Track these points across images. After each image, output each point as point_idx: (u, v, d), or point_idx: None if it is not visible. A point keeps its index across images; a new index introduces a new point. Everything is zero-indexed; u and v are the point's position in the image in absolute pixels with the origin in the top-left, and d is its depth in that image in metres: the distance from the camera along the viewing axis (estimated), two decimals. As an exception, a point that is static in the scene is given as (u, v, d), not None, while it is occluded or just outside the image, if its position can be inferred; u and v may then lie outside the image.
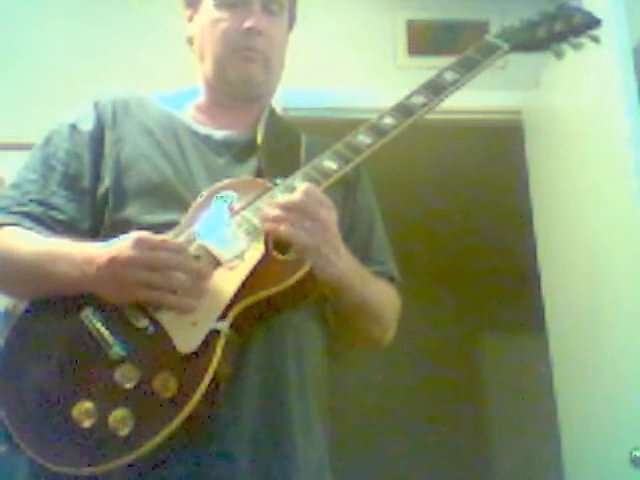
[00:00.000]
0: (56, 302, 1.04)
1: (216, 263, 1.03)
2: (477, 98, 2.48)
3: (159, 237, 1.01)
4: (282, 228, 1.01)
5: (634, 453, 1.73)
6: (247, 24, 1.24)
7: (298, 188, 1.04)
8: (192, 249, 1.03)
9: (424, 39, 2.68)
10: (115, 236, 1.04)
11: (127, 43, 2.56)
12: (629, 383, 1.83)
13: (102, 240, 1.06)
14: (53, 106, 1.57)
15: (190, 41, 1.33)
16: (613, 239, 1.93)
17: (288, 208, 1.02)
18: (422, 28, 2.70)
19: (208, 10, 1.28)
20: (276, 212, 1.02)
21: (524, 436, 4.32)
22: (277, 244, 1.03)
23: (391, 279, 1.29)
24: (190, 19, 1.33)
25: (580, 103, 2.19)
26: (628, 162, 1.86)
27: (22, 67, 2.50)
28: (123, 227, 1.07)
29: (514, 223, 3.09)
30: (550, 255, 2.40)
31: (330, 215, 1.04)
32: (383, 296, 1.23)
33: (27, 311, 1.05)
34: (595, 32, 1.28)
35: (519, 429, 4.41)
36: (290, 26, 1.36)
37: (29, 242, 1.09)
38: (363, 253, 1.23)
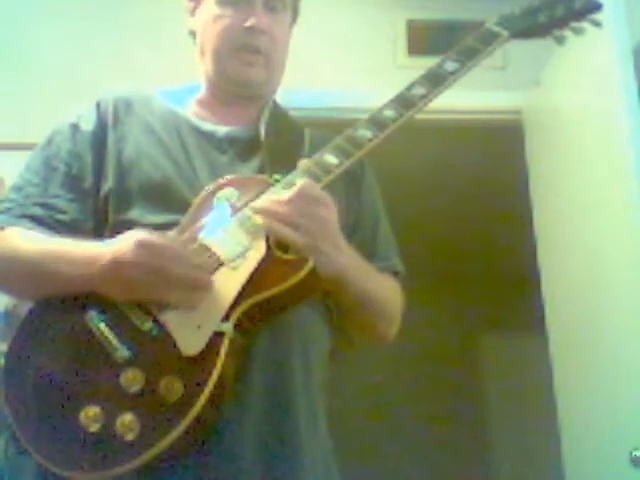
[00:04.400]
0: (59, 304, 1.04)
1: (218, 263, 1.02)
2: (477, 98, 2.49)
3: (160, 241, 1.00)
4: (275, 225, 1.01)
5: (634, 453, 1.73)
6: (249, 22, 1.23)
7: (296, 185, 1.04)
8: (194, 248, 1.03)
9: (424, 39, 2.68)
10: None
11: (127, 42, 2.56)
12: (629, 383, 1.83)
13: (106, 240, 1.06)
14: (53, 106, 1.57)
15: (192, 34, 1.33)
16: (613, 239, 1.93)
17: (282, 205, 1.01)
18: (422, 28, 2.70)
19: (210, 6, 1.27)
20: (270, 208, 1.02)
21: (524, 436, 4.32)
22: (279, 242, 1.03)
23: (395, 274, 1.29)
24: (192, 12, 1.32)
25: (580, 103, 2.19)
26: (628, 162, 1.86)
27: (22, 67, 2.50)
28: (127, 227, 1.07)
29: (514, 223, 3.09)
30: (550, 255, 2.40)
31: (327, 212, 1.03)
32: (386, 291, 1.22)
33: (30, 314, 1.05)
34: (596, 16, 1.24)
35: (519, 429, 4.41)
36: (293, 21, 1.35)
37: (32, 241, 1.09)
38: (368, 249, 1.23)
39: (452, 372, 4.50)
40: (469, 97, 2.26)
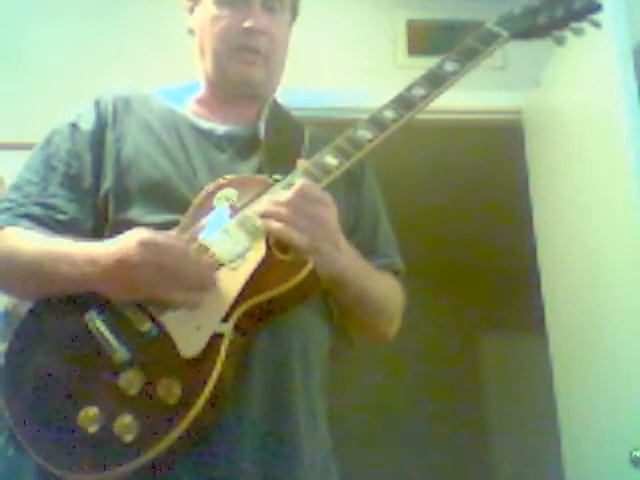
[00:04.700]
0: (58, 305, 1.04)
1: (218, 263, 1.02)
2: (477, 98, 2.49)
3: (164, 239, 1.00)
4: (277, 226, 1.01)
5: (634, 453, 1.73)
6: (247, 23, 1.23)
7: (294, 186, 1.03)
8: (194, 249, 1.03)
9: (424, 39, 2.68)
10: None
11: (127, 42, 2.56)
12: (629, 383, 1.83)
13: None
14: (53, 106, 1.57)
15: (192, 32, 1.32)
16: (613, 239, 1.93)
17: (282, 206, 1.01)
18: (422, 28, 2.70)
19: (208, 6, 1.27)
20: (270, 210, 1.02)
21: (524, 436, 4.32)
22: (278, 243, 1.03)
23: (396, 272, 1.29)
24: (191, 10, 1.32)
25: (580, 103, 2.19)
26: (628, 162, 1.86)
27: (22, 67, 2.50)
28: (126, 227, 1.07)
29: (514, 223, 3.09)
30: (550, 255, 2.40)
31: (327, 211, 1.03)
32: (387, 289, 1.23)
33: (29, 314, 1.05)
34: (596, 17, 1.23)
35: (519, 429, 4.41)
36: (292, 20, 1.35)
37: (31, 241, 1.09)
38: (369, 247, 1.23)
39: (452, 372, 4.50)
40: (469, 97, 2.26)
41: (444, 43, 2.57)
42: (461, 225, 4.16)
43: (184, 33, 1.35)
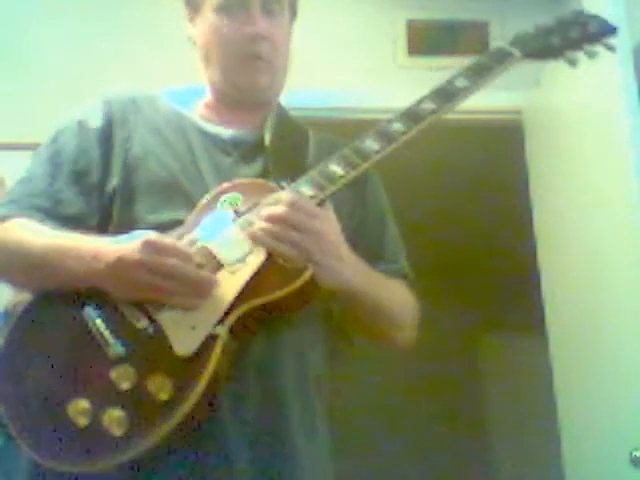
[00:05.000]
0: (58, 299, 1.04)
1: (218, 266, 1.03)
2: (477, 98, 2.48)
3: (167, 241, 1.01)
4: (269, 243, 1.01)
5: (634, 453, 1.73)
6: (248, 30, 1.23)
7: (283, 199, 1.03)
8: (194, 250, 1.03)
9: (424, 39, 2.67)
10: (123, 234, 1.04)
11: (128, 42, 2.56)
12: (629, 383, 1.83)
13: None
14: (53, 106, 1.58)
15: (192, 40, 1.32)
16: (613, 239, 1.93)
17: (274, 221, 1.02)
18: (422, 28, 2.70)
19: (208, 15, 1.26)
20: (263, 225, 1.02)
21: (524, 436, 4.31)
22: None
23: (404, 277, 1.28)
24: (191, 19, 1.32)
25: (580, 103, 2.19)
26: (628, 162, 1.86)
27: (22, 67, 2.50)
28: (131, 225, 1.08)
29: (514, 223, 3.09)
30: (550, 255, 2.40)
31: (322, 224, 1.03)
32: (396, 296, 1.22)
33: (29, 307, 1.05)
34: (610, 40, 1.25)
35: (519, 429, 4.41)
36: (292, 20, 1.34)
37: (38, 234, 1.09)
38: (375, 253, 1.23)
39: (452, 372, 4.50)
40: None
41: (444, 43, 2.57)
42: (460, 225, 4.16)
43: (183, 35, 1.35)
